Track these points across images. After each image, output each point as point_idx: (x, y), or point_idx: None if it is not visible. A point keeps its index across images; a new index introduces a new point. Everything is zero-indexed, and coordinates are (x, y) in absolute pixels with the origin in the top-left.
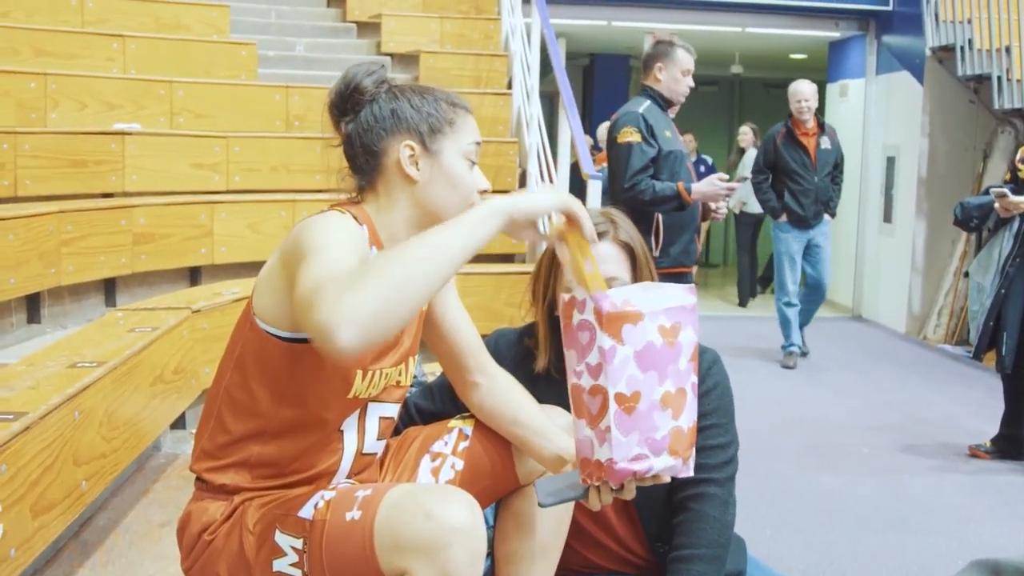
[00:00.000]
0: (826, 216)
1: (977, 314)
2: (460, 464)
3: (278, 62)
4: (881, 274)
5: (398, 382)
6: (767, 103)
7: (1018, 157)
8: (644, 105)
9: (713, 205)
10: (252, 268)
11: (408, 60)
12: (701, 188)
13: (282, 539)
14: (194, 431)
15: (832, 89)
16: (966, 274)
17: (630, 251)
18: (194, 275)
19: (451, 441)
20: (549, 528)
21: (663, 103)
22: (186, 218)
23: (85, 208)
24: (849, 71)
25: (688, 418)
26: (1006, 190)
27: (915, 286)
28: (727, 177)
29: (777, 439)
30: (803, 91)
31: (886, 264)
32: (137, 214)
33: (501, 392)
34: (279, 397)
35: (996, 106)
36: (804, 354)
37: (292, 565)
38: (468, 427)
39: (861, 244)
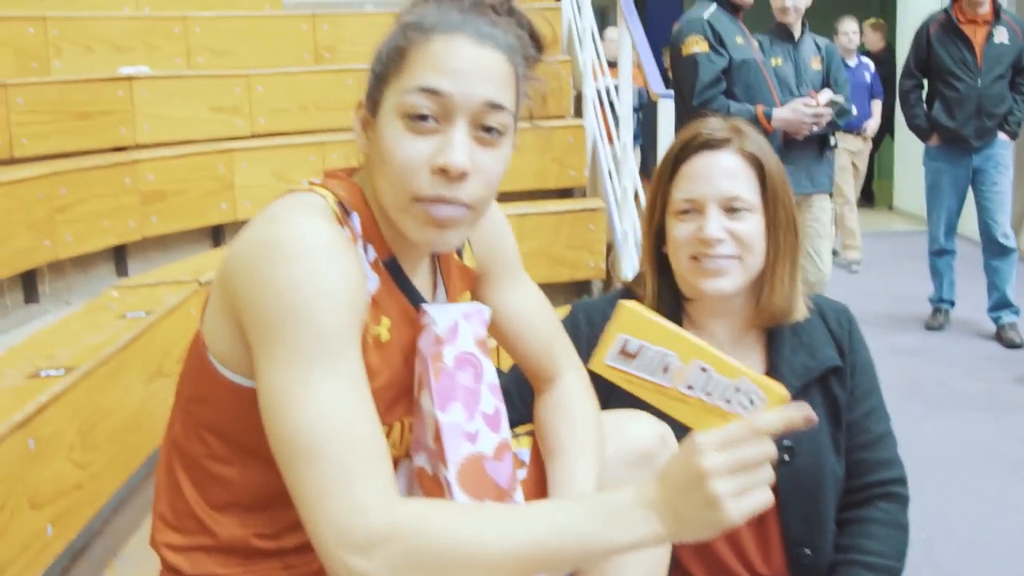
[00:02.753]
0: (1001, 136)
1: None
2: (520, 499)
3: None
4: None
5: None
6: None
7: None
8: (709, 10)
9: (798, 136)
10: None
11: None
12: (784, 115)
13: None
14: None
15: None
16: None
17: (759, 165)
18: (216, 234)
19: None
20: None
21: (730, 6)
22: (201, 171)
23: (82, 168)
24: None
25: None
26: None
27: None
28: (814, 102)
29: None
30: None
31: None
32: (143, 170)
33: (554, 404)
34: (246, 458)
35: None
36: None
37: None
38: (525, 450)
39: None
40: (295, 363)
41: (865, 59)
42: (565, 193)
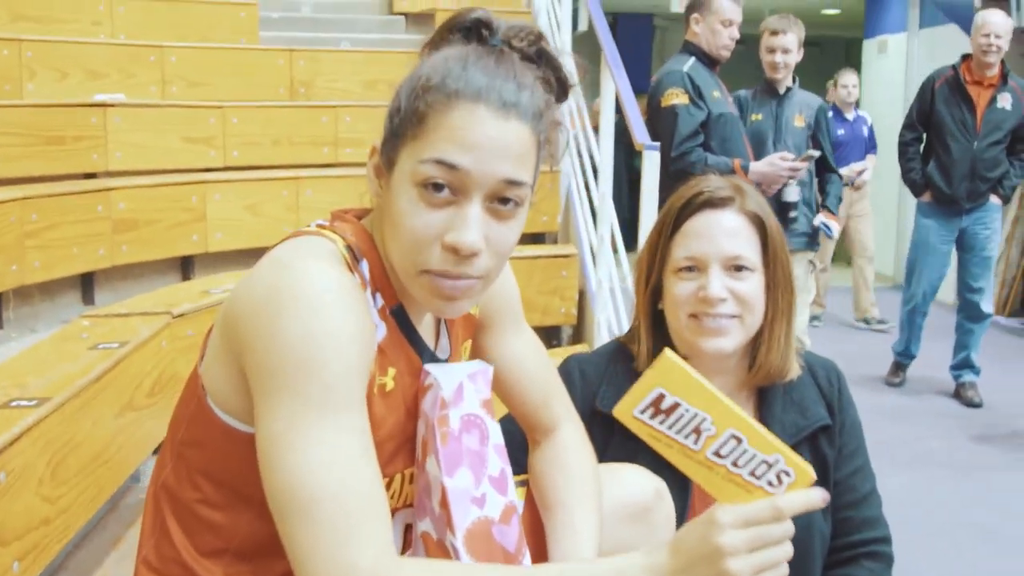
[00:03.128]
0: (992, 199)
1: None
2: (528, 563)
3: (282, 24)
4: None
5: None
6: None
7: None
8: (688, 63)
9: (771, 190)
10: (251, 256)
11: (423, 20)
12: (760, 168)
13: None
14: None
15: (869, 45)
16: None
17: (760, 225)
18: (186, 265)
19: None
20: None
21: (707, 60)
22: (174, 201)
23: (54, 193)
24: (888, 25)
25: None
26: None
27: None
28: (791, 156)
29: None
30: (995, 23)
31: None
32: (116, 198)
33: (552, 457)
34: (240, 504)
35: None
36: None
37: None
38: (520, 501)
39: (904, 215)
40: (299, 413)
41: (862, 112)
42: (537, 238)
